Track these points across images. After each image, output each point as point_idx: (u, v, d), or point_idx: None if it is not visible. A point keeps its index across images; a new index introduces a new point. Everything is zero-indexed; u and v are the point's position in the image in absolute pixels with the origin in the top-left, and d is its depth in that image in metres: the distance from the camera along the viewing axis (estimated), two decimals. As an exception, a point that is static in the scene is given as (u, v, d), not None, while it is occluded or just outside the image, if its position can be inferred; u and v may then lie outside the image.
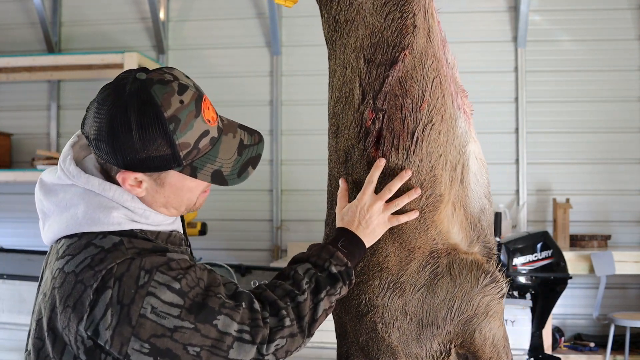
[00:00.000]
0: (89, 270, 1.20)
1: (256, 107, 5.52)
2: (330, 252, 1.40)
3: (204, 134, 1.24)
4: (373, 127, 1.54)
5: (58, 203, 1.29)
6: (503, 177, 5.25)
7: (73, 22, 5.77)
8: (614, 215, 5.20)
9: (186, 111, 1.22)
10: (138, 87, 1.21)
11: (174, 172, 1.26)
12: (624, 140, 5.19)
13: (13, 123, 5.74)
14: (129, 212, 1.27)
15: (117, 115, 1.20)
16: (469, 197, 1.64)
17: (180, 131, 1.21)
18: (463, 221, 1.62)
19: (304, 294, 1.32)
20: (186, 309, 1.20)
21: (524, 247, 3.98)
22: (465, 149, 1.62)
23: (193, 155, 1.24)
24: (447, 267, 1.55)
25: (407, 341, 1.54)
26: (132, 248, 1.23)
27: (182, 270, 1.23)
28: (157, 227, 1.31)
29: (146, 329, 1.18)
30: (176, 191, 1.30)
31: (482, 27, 5.30)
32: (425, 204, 1.54)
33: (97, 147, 1.24)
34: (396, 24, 1.53)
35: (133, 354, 1.18)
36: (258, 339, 1.25)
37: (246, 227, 5.49)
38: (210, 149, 1.27)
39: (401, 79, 1.52)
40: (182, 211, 1.36)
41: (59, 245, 1.28)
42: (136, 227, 1.27)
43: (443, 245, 1.56)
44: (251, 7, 5.58)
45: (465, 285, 1.55)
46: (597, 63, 5.22)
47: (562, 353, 4.66)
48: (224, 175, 1.30)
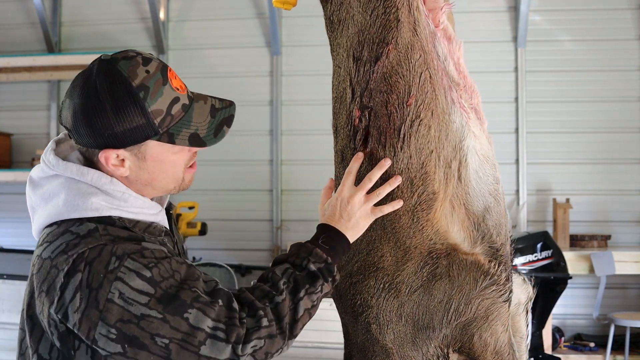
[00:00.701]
0: (63, 255, 1.21)
1: (256, 107, 5.52)
2: (308, 249, 1.36)
3: (175, 100, 1.27)
4: (360, 125, 1.52)
5: (42, 195, 1.31)
6: (503, 177, 5.19)
7: (73, 22, 5.77)
8: (614, 215, 5.20)
9: (153, 79, 1.25)
10: (104, 66, 1.25)
11: (152, 143, 1.27)
12: (624, 140, 5.19)
13: (13, 123, 5.74)
14: (107, 197, 1.28)
15: (89, 96, 1.23)
16: (470, 195, 1.58)
17: (151, 98, 1.24)
18: (465, 220, 1.56)
19: (282, 294, 1.28)
20: (156, 298, 1.19)
21: (524, 247, 3.98)
22: (462, 144, 1.56)
23: (168, 122, 1.26)
24: (447, 268, 1.50)
25: (402, 343, 1.51)
26: (107, 235, 1.23)
27: (154, 259, 1.22)
28: (137, 216, 1.30)
29: (113, 313, 1.17)
30: (159, 165, 1.30)
31: (482, 27, 5.29)
32: (418, 202, 1.50)
33: (77, 132, 1.27)
34: (380, 20, 1.51)
35: (100, 339, 1.18)
36: (232, 338, 1.21)
37: (246, 227, 5.49)
38: (184, 115, 1.29)
39: (386, 74, 1.50)
40: (170, 189, 1.37)
41: (42, 235, 1.31)
42: (115, 214, 1.27)
43: (442, 245, 1.51)
44: (251, 7, 5.58)
45: (463, 287, 1.49)
46: (597, 63, 5.21)
47: (562, 353, 4.66)
48: (201, 137, 1.31)
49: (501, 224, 1.62)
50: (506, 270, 1.57)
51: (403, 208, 1.50)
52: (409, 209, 1.50)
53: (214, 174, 5.45)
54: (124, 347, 1.18)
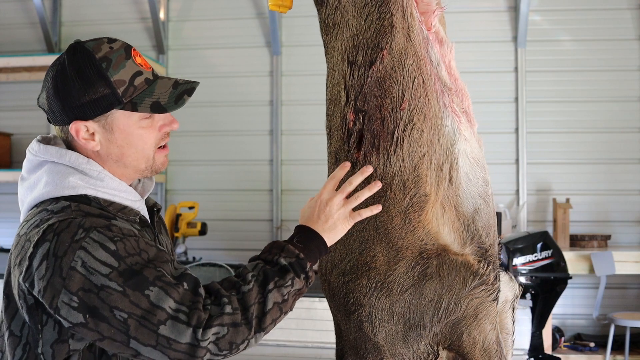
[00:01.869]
0: (35, 229, 1.27)
1: (256, 107, 5.52)
2: (280, 246, 1.38)
3: (137, 73, 1.35)
4: (354, 128, 1.55)
5: (29, 185, 1.39)
6: (503, 177, 5.25)
7: (73, 22, 5.77)
8: (614, 215, 5.20)
9: (116, 54, 1.34)
10: (72, 47, 1.36)
11: (118, 113, 1.34)
12: (624, 140, 5.19)
13: (13, 123, 5.74)
14: (84, 177, 1.34)
15: (58, 73, 1.34)
16: (460, 197, 1.61)
17: (114, 69, 1.32)
18: (455, 222, 1.60)
19: (249, 284, 1.28)
20: (118, 271, 1.20)
21: (524, 247, 3.98)
22: (453, 148, 1.59)
23: (131, 92, 1.33)
24: (437, 268, 1.53)
25: (394, 341, 1.54)
26: (78, 210, 1.28)
27: (121, 235, 1.25)
28: (112, 197, 1.35)
29: (74, 281, 1.19)
30: (127, 137, 1.35)
31: (482, 27, 5.29)
32: (410, 204, 1.53)
33: (52, 111, 1.36)
34: (375, 25, 1.54)
35: (63, 307, 1.19)
36: (193, 322, 1.20)
37: (246, 227, 5.49)
38: (147, 87, 1.35)
39: (380, 79, 1.53)
40: (142, 168, 1.40)
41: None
42: (91, 193, 1.33)
43: (433, 245, 1.55)
44: (251, 7, 5.58)
45: (453, 287, 1.53)
46: (597, 63, 5.21)
47: (562, 353, 4.66)
48: (162, 104, 1.36)
49: (490, 225, 1.66)
50: (494, 270, 1.61)
51: (395, 209, 1.53)
52: (402, 210, 1.53)
53: (214, 174, 5.45)
54: (85, 317, 1.19)
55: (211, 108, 5.45)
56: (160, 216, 1.55)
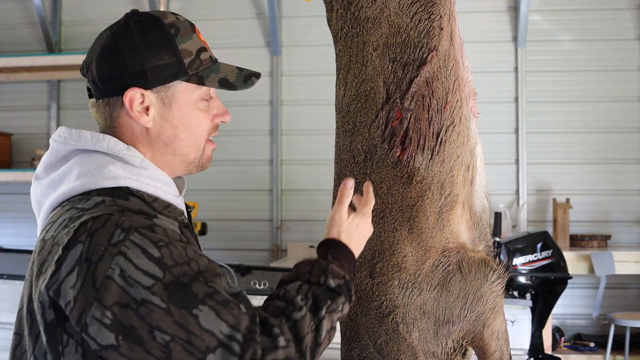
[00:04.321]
0: (64, 229, 1.07)
1: (256, 107, 5.52)
2: (322, 265, 1.18)
3: (203, 48, 1.24)
4: (400, 127, 1.55)
5: (51, 182, 1.18)
6: (503, 177, 5.25)
7: (73, 22, 5.77)
8: (614, 215, 5.20)
9: (183, 25, 1.23)
10: (133, 12, 1.24)
11: (180, 86, 1.20)
12: (624, 140, 5.19)
13: (13, 123, 5.74)
14: (126, 166, 1.16)
15: (119, 34, 1.19)
16: (473, 197, 1.68)
17: (182, 37, 1.20)
18: (468, 220, 1.66)
19: (301, 311, 1.09)
20: (163, 284, 1.01)
21: (524, 247, 3.98)
22: (475, 150, 1.66)
23: (197, 65, 1.21)
24: (457, 265, 1.58)
25: (426, 339, 1.57)
26: (114, 205, 1.09)
27: (167, 238, 1.06)
28: (157, 191, 1.18)
29: (111, 293, 1.00)
30: (184, 117, 1.21)
31: (482, 27, 5.29)
32: (444, 203, 1.57)
33: (102, 79, 1.19)
34: (423, 25, 1.56)
35: (93, 324, 0.99)
36: (247, 355, 1.01)
37: (246, 227, 5.49)
38: (212, 64, 1.24)
39: (428, 79, 1.55)
40: (190, 159, 1.25)
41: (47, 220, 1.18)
42: (134, 185, 1.15)
43: (453, 244, 1.60)
44: (251, 7, 5.58)
45: (475, 283, 1.58)
46: (597, 63, 5.22)
47: (562, 353, 4.65)
48: (230, 81, 1.24)
49: (489, 224, 1.75)
50: (501, 263, 1.69)
51: (431, 209, 1.57)
52: (436, 210, 1.57)
53: (214, 174, 5.45)
54: (117, 339, 0.99)
55: (211, 108, 5.45)
56: (190, 214, 1.38)
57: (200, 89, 1.22)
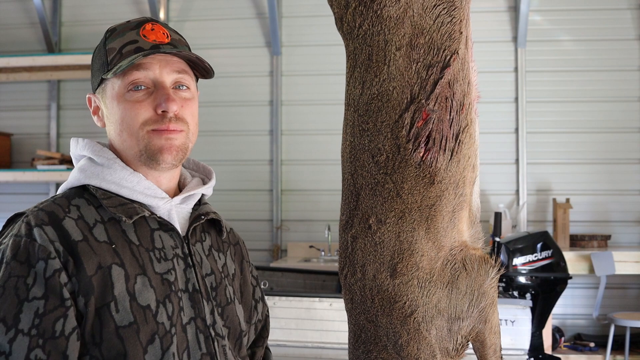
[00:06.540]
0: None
1: (256, 107, 5.52)
2: None
3: (132, 42, 1.22)
4: (424, 128, 1.58)
5: None
6: (503, 177, 5.25)
7: (73, 22, 5.77)
8: (614, 215, 5.20)
9: (125, 25, 1.26)
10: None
11: (109, 83, 1.24)
12: (624, 140, 5.19)
13: (13, 123, 5.74)
14: (93, 165, 1.24)
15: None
16: (472, 196, 1.73)
17: (113, 37, 1.25)
18: (467, 219, 1.71)
19: None
20: None
21: (524, 247, 3.98)
22: (477, 151, 1.72)
23: (117, 59, 1.22)
24: (462, 263, 1.63)
25: (442, 337, 1.62)
26: (42, 204, 1.18)
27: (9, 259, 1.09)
28: (119, 189, 1.21)
29: None
30: (114, 110, 1.23)
31: (482, 27, 5.30)
32: (457, 203, 1.62)
33: None
34: (446, 28, 1.62)
35: None
36: None
37: (246, 227, 5.49)
38: (133, 55, 1.21)
39: (450, 81, 1.60)
40: (136, 152, 1.23)
41: None
42: (94, 183, 1.21)
43: (457, 242, 1.65)
44: (251, 7, 5.58)
45: (478, 279, 1.64)
46: (597, 63, 5.22)
47: (562, 353, 4.66)
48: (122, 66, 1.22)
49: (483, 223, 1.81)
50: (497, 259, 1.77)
51: (447, 209, 1.61)
52: (451, 209, 1.62)
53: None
54: None
55: (211, 108, 5.45)
56: (226, 231, 1.48)
57: (122, 79, 1.22)
